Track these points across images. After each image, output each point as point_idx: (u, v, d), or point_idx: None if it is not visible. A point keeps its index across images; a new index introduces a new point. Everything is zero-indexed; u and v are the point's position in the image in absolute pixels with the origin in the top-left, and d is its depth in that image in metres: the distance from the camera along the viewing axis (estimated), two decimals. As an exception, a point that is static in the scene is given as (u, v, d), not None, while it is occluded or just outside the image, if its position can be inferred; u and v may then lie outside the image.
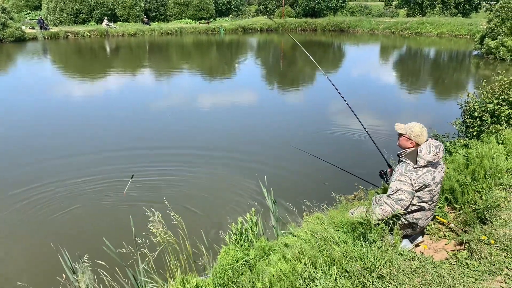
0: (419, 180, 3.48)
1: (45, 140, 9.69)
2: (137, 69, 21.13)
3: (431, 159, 3.45)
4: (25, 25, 34.70)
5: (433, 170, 3.54)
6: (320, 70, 5.86)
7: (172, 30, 37.49)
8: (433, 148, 3.46)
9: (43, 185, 7.16)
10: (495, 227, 3.65)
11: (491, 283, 2.95)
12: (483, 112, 6.28)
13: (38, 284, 4.54)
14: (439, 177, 3.60)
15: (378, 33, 37.81)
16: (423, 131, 3.63)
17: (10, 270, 5.10)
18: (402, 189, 3.48)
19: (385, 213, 3.52)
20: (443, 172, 3.69)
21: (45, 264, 5.13)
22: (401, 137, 3.74)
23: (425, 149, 3.47)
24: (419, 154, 3.48)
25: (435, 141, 3.54)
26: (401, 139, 3.73)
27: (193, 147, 9.07)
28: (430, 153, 3.44)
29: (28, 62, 23.27)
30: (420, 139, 3.60)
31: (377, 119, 11.00)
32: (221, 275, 3.28)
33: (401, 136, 3.73)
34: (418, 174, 3.49)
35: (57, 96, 14.72)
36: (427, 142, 3.54)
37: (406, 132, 3.67)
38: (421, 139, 3.60)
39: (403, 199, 3.47)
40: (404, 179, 3.50)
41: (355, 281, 3.03)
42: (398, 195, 3.49)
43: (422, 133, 3.61)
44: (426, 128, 3.70)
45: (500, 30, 20.36)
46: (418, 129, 3.62)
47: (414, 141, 3.62)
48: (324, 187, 6.57)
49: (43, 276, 4.86)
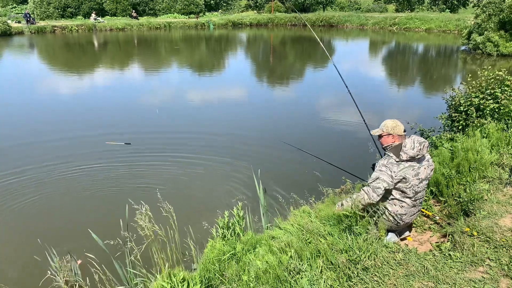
0: (399, 173, 3.53)
1: (28, 133, 9.59)
2: (125, 64, 20.95)
3: (414, 154, 3.50)
4: (11, 19, 34.15)
5: (417, 166, 3.58)
6: (330, 58, 5.86)
7: (161, 24, 37.15)
8: (417, 144, 3.51)
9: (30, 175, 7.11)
10: (478, 219, 3.71)
11: (473, 274, 3.00)
12: (469, 106, 6.36)
13: (23, 279, 4.51)
14: (424, 174, 3.63)
15: (367, 28, 37.93)
16: (395, 122, 3.74)
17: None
18: (381, 178, 3.56)
19: (361, 199, 3.61)
20: (430, 170, 3.71)
21: (29, 257, 5.08)
22: (381, 138, 3.82)
23: (409, 144, 3.52)
24: (403, 149, 3.54)
25: (420, 138, 3.59)
26: (383, 139, 3.80)
27: (181, 142, 9.03)
28: (414, 148, 3.50)
29: (13, 56, 22.93)
30: (398, 130, 3.69)
31: (365, 114, 11.05)
32: (208, 268, 3.29)
33: (381, 136, 3.82)
34: (400, 168, 3.54)
35: (43, 91, 14.54)
36: (412, 138, 3.59)
37: (383, 130, 3.77)
38: (399, 129, 3.70)
39: (379, 188, 3.55)
40: (384, 170, 3.57)
41: (340, 273, 3.06)
42: (376, 183, 3.57)
43: (397, 124, 3.72)
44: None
45: (487, 26, 20.56)
46: (390, 122, 3.75)
47: (395, 133, 3.69)
48: (312, 181, 6.60)
49: (27, 271, 4.83)
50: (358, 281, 3.01)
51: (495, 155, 5.03)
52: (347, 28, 39.22)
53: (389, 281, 3.00)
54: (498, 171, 4.72)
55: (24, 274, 4.83)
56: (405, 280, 2.98)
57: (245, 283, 3.03)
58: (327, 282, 2.95)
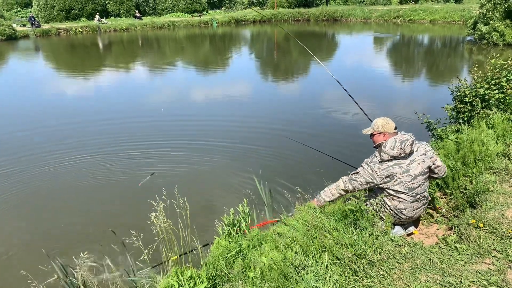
0: (382, 173, 3.59)
1: (37, 136, 9.67)
2: (131, 64, 21.03)
3: (394, 154, 3.52)
4: (16, 23, 34.35)
5: (405, 163, 3.58)
6: (320, 63, 5.86)
7: (164, 24, 37.24)
8: (398, 144, 3.51)
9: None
10: (484, 210, 3.69)
11: (479, 266, 2.99)
12: (474, 97, 6.30)
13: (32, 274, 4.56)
14: (419, 169, 3.60)
15: (371, 21, 37.71)
16: (386, 120, 3.74)
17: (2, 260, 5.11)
18: (360, 173, 3.69)
19: (337, 187, 3.84)
20: (431, 162, 3.68)
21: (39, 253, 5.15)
22: (373, 136, 3.83)
23: (389, 144, 3.55)
24: (383, 149, 3.57)
25: (404, 136, 3.58)
26: (375, 138, 3.81)
27: (187, 139, 9.07)
28: (394, 148, 3.51)
29: (20, 60, 23.11)
30: (388, 128, 3.69)
31: (371, 107, 11.00)
32: (214, 265, 3.31)
33: (373, 135, 3.83)
34: (383, 167, 3.58)
35: (50, 93, 14.65)
36: (395, 137, 3.59)
37: (374, 129, 3.78)
38: (389, 127, 3.70)
39: (356, 180, 3.70)
40: (365, 167, 3.68)
41: (346, 268, 3.06)
42: (355, 176, 3.71)
43: (387, 122, 3.72)
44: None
45: (492, 15, 20.34)
46: (381, 120, 3.76)
47: (386, 132, 3.70)
48: (318, 177, 6.59)
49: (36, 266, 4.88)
50: (364, 276, 3.01)
51: (501, 146, 4.99)
52: (351, 22, 39.02)
53: (395, 274, 3.00)
54: (504, 162, 4.68)
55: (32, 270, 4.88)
56: (411, 274, 2.98)
57: (251, 280, 3.04)
58: (333, 277, 2.96)
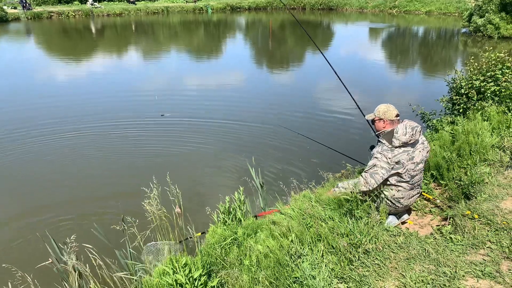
0: (394, 159, 3.56)
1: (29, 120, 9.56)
2: (123, 50, 20.79)
3: (406, 140, 3.52)
4: (7, 5, 33.69)
5: (411, 150, 3.60)
6: (317, 48, 5.81)
7: (158, 9, 36.74)
8: (409, 130, 3.52)
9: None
10: (479, 202, 3.70)
11: (474, 257, 3.00)
12: (470, 89, 6.30)
13: (24, 263, 4.52)
14: (420, 157, 3.64)
15: (367, 11, 37.53)
16: (388, 106, 3.73)
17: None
18: (378, 165, 3.60)
19: (360, 186, 3.65)
20: (426, 152, 3.73)
21: (31, 242, 5.11)
22: (374, 123, 3.83)
23: (401, 130, 3.54)
24: (395, 135, 3.55)
25: (412, 123, 3.59)
26: (376, 124, 3.81)
27: (181, 128, 9.01)
28: (406, 134, 3.52)
29: (10, 43, 22.73)
30: (390, 114, 3.68)
31: (365, 97, 11.00)
32: (209, 253, 3.30)
33: (374, 122, 3.83)
34: (394, 154, 3.57)
35: (41, 77, 14.45)
36: (404, 123, 3.59)
37: (375, 115, 3.77)
38: (390, 113, 3.69)
39: (377, 173, 3.59)
40: (380, 157, 3.61)
41: (341, 257, 3.07)
42: (374, 170, 3.61)
43: (389, 108, 3.71)
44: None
45: (487, 8, 20.34)
46: (383, 106, 3.74)
47: (386, 118, 3.69)
48: (313, 166, 6.60)
49: (28, 256, 4.85)
50: (359, 265, 3.02)
51: (496, 138, 5.01)
52: (347, 11, 38.82)
53: (390, 264, 3.01)
54: (499, 154, 4.70)
55: (27, 255, 4.85)
56: (406, 263, 2.99)
57: (246, 268, 3.04)
58: (328, 266, 2.96)
